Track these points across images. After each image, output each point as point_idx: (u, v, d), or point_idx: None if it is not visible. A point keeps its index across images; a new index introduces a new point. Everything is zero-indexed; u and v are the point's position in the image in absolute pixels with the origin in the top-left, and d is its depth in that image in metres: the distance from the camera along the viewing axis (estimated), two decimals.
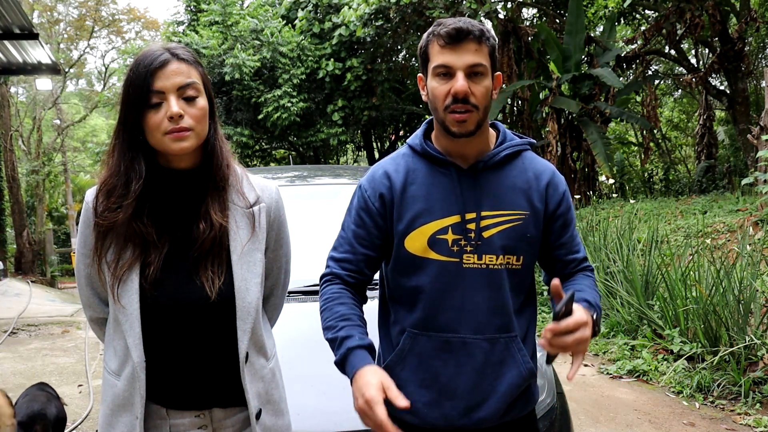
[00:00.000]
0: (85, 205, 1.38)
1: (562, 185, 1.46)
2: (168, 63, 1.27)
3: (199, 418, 1.36)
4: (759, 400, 3.78)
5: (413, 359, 1.42)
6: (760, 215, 6.38)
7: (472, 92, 1.33)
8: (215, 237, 1.32)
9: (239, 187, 1.39)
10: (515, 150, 1.43)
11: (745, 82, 10.84)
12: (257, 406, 1.37)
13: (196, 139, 1.30)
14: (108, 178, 1.33)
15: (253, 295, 1.36)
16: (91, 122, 24.82)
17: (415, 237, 1.39)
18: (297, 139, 13.90)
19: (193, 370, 1.34)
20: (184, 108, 1.28)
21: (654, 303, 5.02)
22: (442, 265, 1.39)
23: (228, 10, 12.64)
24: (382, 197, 1.44)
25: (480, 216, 1.38)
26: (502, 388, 1.40)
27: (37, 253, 17.00)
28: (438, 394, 1.41)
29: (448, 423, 1.41)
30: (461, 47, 1.32)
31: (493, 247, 1.38)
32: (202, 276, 1.31)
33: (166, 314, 1.31)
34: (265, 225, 1.41)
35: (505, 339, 1.40)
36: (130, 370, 1.32)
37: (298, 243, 2.53)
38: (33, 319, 7.42)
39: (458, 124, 1.34)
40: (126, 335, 1.31)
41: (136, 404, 1.32)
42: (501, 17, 11.67)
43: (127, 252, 1.31)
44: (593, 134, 10.02)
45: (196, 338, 1.33)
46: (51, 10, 20.87)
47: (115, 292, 1.30)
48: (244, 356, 1.34)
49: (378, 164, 1.52)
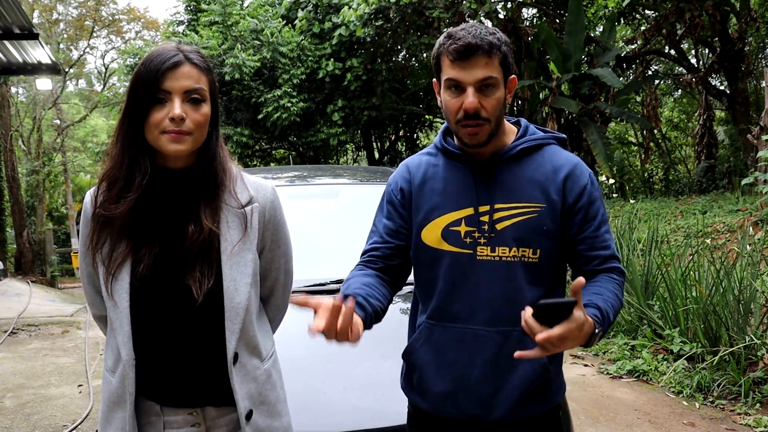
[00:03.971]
0: (84, 205, 1.39)
1: (584, 178, 1.42)
2: (180, 65, 1.28)
3: (192, 416, 1.37)
4: (759, 400, 3.78)
5: (430, 348, 1.45)
6: (760, 215, 6.38)
7: (483, 106, 1.35)
8: (204, 241, 1.32)
9: (232, 187, 1.39)
10: (534, 144, 1.44)
11: (745, 82, 10.84)
12: (247, 407, 1.37)
13: (192, 144, 1.30)
14: (110, 170, 1.33)
15: (243, 296, 1.35)
16: (91, 122, 24.80)
17: (431, 229, 1.43)
18: (297, 139, 13.90)
19: (183, 368, 1.34)
20: (188, 111, 1.28)
21: (654, 303, 5.02)
22: (455, 256, 1.41)
23: (228, 10, 12.63)
24: (402, 190, 1.51)
25: (494, 208, 1.40)
26: (515, 381, 1.40)
27: (37, 253, 17.00)
28: (452, 384, 1.42)
29: (461, 413, 1.43)
30: (470, 63, 1.33)
31: (507, 240, 1.39)
32: (189, 278, 1.31)
33: (155, 312, 1.32)
34: (258, 225, 1.41)
35: (518, 332, 1.37)
36: (122, 367, 1.33)
37: (299, 243, 2.54)
38: (33, 319, 7.42)
39: (470, 136, 1.38)
40: (116, 333, 1.33)
41: (127, 401, 1.33)
42: (501, 17, 11.67)
43: (121, 246, 1.32)
44: (593, 134, 10.02)
45: (185, 337, 1.34)
46: (51, 10, 20.86)
47: (108, 288, 1.32)
48: (233, 357, 1.34)
49: (403, 161, 1.60)
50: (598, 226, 1.41)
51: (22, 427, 3.90)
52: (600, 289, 1.36)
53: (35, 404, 4.34)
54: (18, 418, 4.06)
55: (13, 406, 4.31)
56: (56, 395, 4.53)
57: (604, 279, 1.40)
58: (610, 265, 1.42)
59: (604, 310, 1.29)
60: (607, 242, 1.42)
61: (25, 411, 4.20)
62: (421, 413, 1.50)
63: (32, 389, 4.70)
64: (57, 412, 4.18)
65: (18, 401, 4.41)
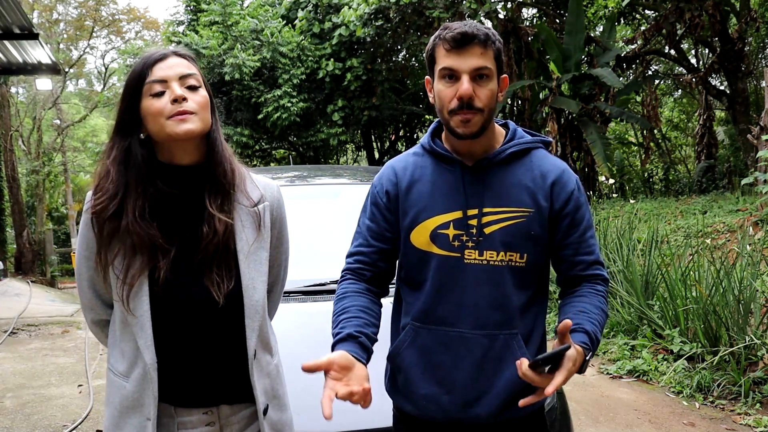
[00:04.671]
0: (85, 205, 1.38)
1: (570, 184, 1.44)
2: (168, 56, 1.32)
3: (207, 415, 1.37)
4: (759, 400, 3.78)
5: (415, 351, 1.44)
6: (760, 215, 6.38)
7: (477, 95, 1.35)
8: (219, 243, 1.32)
9: (243, 186, 1.40)
10: (522, 148, 1.44)
11: (745, 82, 10.85)
12: (264, 402, 1.38)
13: (200, 123, 1.30)
14: (103, 174, 1.32)
15: (260, 294, 1.37)
16: (91, 122, 24.79)
17: (419, 231, 1.43)
18: (297, 139, 13.91)
19: (202, 368, 1.34)
20: (188, 94, 1.29)
21: (654, 303, 5.02)
22: (443, 259, 1.41)
23: (228, 10, 12.63)
24: (388, 193, 1.49)
25: (482, 212, 1.39)
26: (500, 384, 1.40)
27: (37, 253, 16.99)
28: (437, 386, 1.42)
29: (445, 416, 1.43)
30: (466, 51, 1.34)
31: (494, 244, 1.39)
32: (207, 280, 1.31)
33: (175, 315, 1.32)
34: (269, 223, 1.42)
35: (505, 336, 1.40)
36: (141, 372, 1.31)
37: (299, 243, 2.54)
38: (33, 319, 7.42)
39: (463, 125, 1.36)
40: (137, 337, 1.31)
41: (148, 405, 1.31)
42: (501, 17, 11.68)
43: (137, 260, 1.29)
44: (593, 134, 10.03)
45: (205, 337, 1.33)
46: (51, 10, 20.86)
47: (123, 298, 1.29)
48: (253, 353, 1.36)
49: (389, 162, 1.57)
50: (584, 232, 1.44)
51: (22, 427, 3.90)
52: (585, 306, 1.40)
53: (35, 404, 4.34)
54: (18, 418, 4.06)
55: (13, 406, 4.31)
56: (56, 395, 4.53)
57: (588, 293, 1.44)
58: (595, 271, 1.45)
59: (591, 333, 1.33)
60: (591, 248, 1.45)
61: (25, 411, 4.20)
62: (406, 416, 1.50)
63: (32, 389, 4.70)
64: (57, 412, 4.18)
65: (18, 401, 4.41)
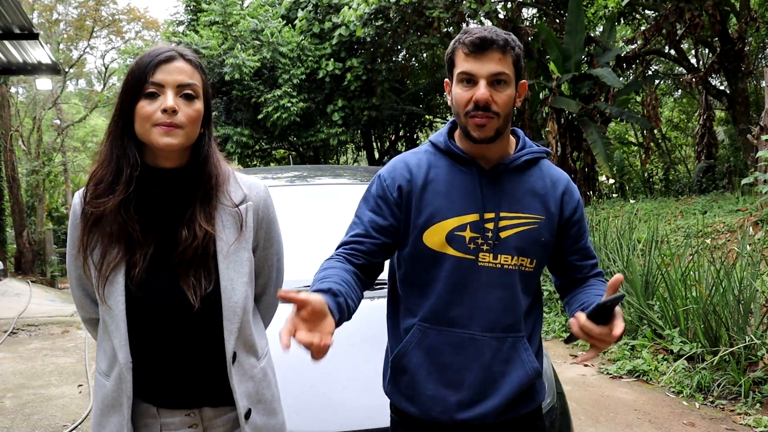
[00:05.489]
0: (73, 206, 1.37)
1: (576, 193, 1.52)
2: (173, 59, 1.28)
3: (190, 417, 1.36)
4: (759, 400, 3.78)
5: (422, 352, 1.44)
6: (760, 215, 6.38)
7: (494, 100, 1.36)
8: (197, 246, 1.31)
9: (225, 186, 1.38)
10: (534, 156, 1.48)
11: (745, 82, 10.85)
12: (246, 406, 1.37)
13: (184, 139, 1.28)
14: (99, 167, 1.32)
15: (240, 295, 1.35)
16: (91, 122, 24.80)
17: (434, 232, 1.42)
18: (297, 139, 13.90)
19: (180, 369, 1.33)
20: (180, 105, 1.27)
21: (654, 303, 5.02)
22: (458, 261, 1.41)
23: (228, 10, 12.63)
24: (401, 189, 1.45)
25: (499, 216, 1.41)
26: (507, 386, 1.42)
27: (37, 253, 17.00)
28: (444, 387, 1.42)
29: (449, 417, 1.43)
30: (485, 56, 1.35)
31: (509, 248, 1.41)
32: (183, 283, 1.30)
33: (151, 315, 1.31)
34: (253, 224, 1.40)
35: (512, 338, 1.43)
36: (118, 371, 1.31)
37: (299, 243, 2.53)
38: (33, 319, 7.41)
39: (478, 128, 1.37)
40: (112, 336, 1.31)
41: (124, 405, 1.31)
42: (501, 17, 11.68)
43: (113, 250, 1.30)
44: (593, 134, 10.03)
45: (183, 338, 1.33)
46: (51, 10, 20.85)
47: (101, 292, 1.30)
48: (231, 356, 1.34)
49: (399, 156, 1.54)
50: (587, 238, 1.56)
51: (22, 427, 3.90)
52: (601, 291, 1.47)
53: (35, 404, 4.34)
54: (18, 418, 4.06)
55: (13, 406, 4.31)
56: (56, 395, 4.53)
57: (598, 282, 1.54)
58: (597, 271, 1.57)
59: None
60: (592, 252, 1.57)
61: (25, 411, 4.20)
62: (407, 417, 1.49)
63: (32, 389, 4.70)
64: (57, 412, 4.18)
65: (18, 401, 4.41)
